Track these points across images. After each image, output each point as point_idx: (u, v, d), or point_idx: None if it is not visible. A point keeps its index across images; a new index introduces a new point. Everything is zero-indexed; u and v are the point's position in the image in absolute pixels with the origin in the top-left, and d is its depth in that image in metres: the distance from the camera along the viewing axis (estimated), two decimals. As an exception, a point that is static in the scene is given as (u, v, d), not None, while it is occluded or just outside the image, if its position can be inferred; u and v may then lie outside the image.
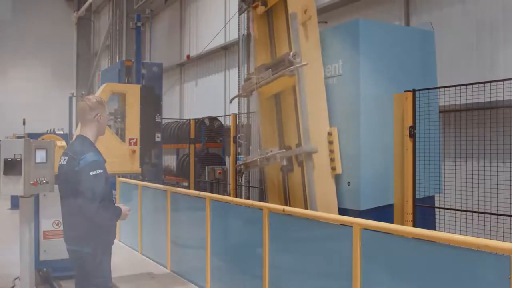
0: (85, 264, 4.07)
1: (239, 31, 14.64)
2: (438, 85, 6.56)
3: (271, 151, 6.03)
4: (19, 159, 5.11)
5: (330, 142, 6.04)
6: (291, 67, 5.72)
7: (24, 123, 16.96)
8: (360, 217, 4.52)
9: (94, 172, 3.92)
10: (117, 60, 22.96)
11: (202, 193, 6.85)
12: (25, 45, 29.20)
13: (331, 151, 6.05)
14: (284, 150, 6.05)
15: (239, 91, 14.66)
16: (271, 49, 6.45)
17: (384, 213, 5.97)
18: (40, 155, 5.30)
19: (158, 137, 7.89)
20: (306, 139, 5.76)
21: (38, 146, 5.30)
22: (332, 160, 6.05)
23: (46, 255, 6.88)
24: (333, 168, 6.05)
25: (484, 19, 8.23)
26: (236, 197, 10.90)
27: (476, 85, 5.85)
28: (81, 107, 4.20)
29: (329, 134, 6.06)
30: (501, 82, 5.60)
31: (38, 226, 6.77)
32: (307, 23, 6.08)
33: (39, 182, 5.22)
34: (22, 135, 15.61)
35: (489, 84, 5.72)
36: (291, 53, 5.77)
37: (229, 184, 11.95)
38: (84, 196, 3.88)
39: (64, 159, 4.08)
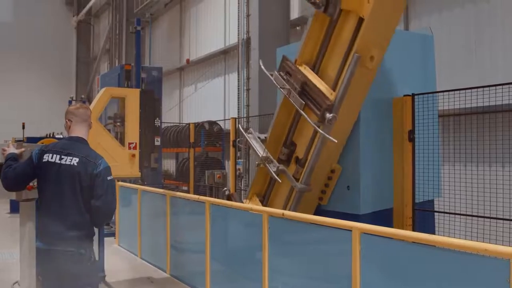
0: (78, 265, 4.03)
1: (238, 35, 14.68)
2: (437, 89, 6.57)
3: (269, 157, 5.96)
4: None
5: (329, 178, 5.96)
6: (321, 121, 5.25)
7: (23, 127, 16.99)
8: (359, 221, 4.52)
9: (110, 177, 4.15)
10: (116, 64, 22.99)
11: (202, 197, 6.85)
12: (24, 48, 29.23)
13: (326, 186, 5.99)
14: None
15: (238, 95, 14.70)
16: (318, 51, 5.80)
17: (383, 217, 5.97)
18: None
19: (157, 141, 7.90)
20: (306, 176, 5.62)
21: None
22: (323, 192, 6.02)
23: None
24: (320, 199, 6.03)
25: (483, 24, 8.25)
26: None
27: (475, 90, 5.86)
28: (81, 112, 4.37)
29: (332, 171, 5.96)
30: (500, 87, 5.61)
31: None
32: (364, 72, 5.27)
33: (34, 186, 5.18)
34: (22, 138, 15.61)
35: (488, 88, 5.73)
36: (327, 105, 5.15)
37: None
38: (105, 199, 4.04)
39: (72, 160, 4.06)
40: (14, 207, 13.84)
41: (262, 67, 6.00)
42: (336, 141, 5.24)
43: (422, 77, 6.59)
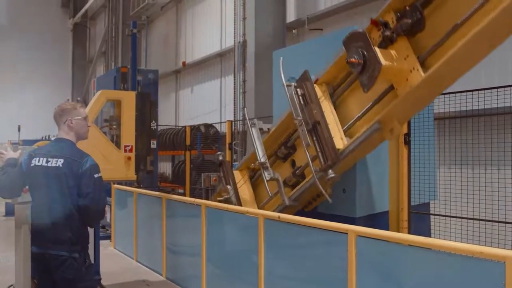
0: (72, 270, 3.99)
1: (235, 38, 14.69)
2: (433, 92, 6.57)
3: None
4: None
5: (318, 196, 5.85)
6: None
7: (19, 130, 16.95)
8: (355, 224, 4.52)
9: (97, 175, 4.07)
10: (112, 67, 23.00)
11: (198, 200, 6.84)
12: (20, 51, 29.18)
13: (314, 199, 5.94)
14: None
15: (235, 98, 14.70)
16: (343, 79, 5.44)
17: (379, 220, 5.98)
18: None
19: (153, 144, 7.92)
20: (298, 195, 5.60)
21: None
22: (309, 203, 6.00)
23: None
24: (306, 206, 6.02)
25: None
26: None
27: (471, 93, 5.88)
28: (54, 113, 4.29)
29: None
30: (495, 90, 5.63)
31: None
32: (380, 138, 4.97)
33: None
34: (17, 141, 15.59)
35: (483, 91, 5.75)
36: (332, 162, 4.93)
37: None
38: (92, 197, 3.98)
39: (58, 161, 4.04)
40: (9, 210, 13.82)
41: (283, 79, 5.43)
42: (330, 200, 5.21)
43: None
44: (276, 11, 12.45)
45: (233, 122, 12.05)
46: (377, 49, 4.30)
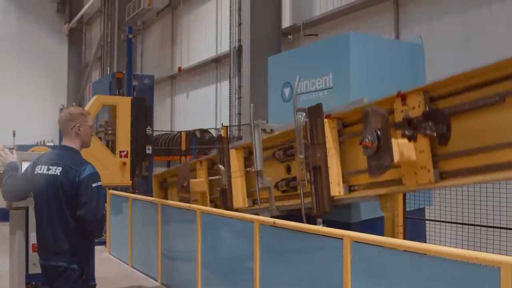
0: (69, 282, 3.93)
1: (230, 43, 14.72)
2: (428, 98, 6.59)
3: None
4: (1, 171, 5.02)
5: None
6: None
7: (14, 135, 16.90)
8: (350, 230, 4.52)
9: (96, 184, 3.94)
10: (108, 72, 22.98)
11: (193, 206, 6.83)
12: (16, 56, 29.12)
13: None
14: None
15: (230, 103, 14.71)
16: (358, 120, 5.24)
17: (374, 225, 5.98)
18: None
19: (149, 149, 7.89)
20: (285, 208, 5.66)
21: (24, 159, 5.21)
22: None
23: (35, 269, 6.80)
24: None
25: (473, 32, 8.32)
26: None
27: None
28: (60, 118, 4.16)
29: None
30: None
31: (27, 239, 6.70)
32: None
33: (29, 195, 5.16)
34: (12, 146, 15.53)
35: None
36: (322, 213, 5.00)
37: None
38: (89, 207, 3.85)
39: (56, 169, 3.95)
40: (3, 216, 13.73)
41: (295, 103, 5.18)
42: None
43: (413, 85, 6.60)
44: (271, 16, 12.48)
45: (228, 128, 12.05)
46: (394, 142, 4.04)
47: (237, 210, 6.17)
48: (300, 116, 5.12)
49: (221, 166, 6.27)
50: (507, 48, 7.76)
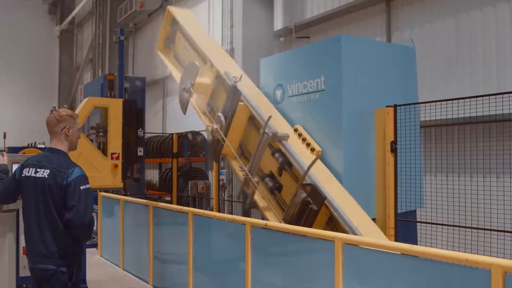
0: (58, 283, 3.90)
1: (222, 45, 14.69)
2: (419, 101, 6.64)
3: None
4: None
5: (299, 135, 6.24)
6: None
7: (4, 137, 16.78)
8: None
9: (84, 187, 3.91)
10: (99, 74, 22.90)
11: (185, 208, 6.82)
12: (6, 57, 28.92)
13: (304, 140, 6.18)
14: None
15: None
16: None
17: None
18: None
19: (140, 152, 7.89)
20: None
21: (15, 161, 5.17)
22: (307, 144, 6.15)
23: (26, 271, 6.75)
24: (312, 149, 6.09)
25: (464, 36, 8.37)
26: (219, 211, 10.86)
27: (456, 101, 5.93)
28: (49, 119, 4.13)
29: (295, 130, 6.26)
30: (481, 98, 5.69)
31: (17, 242, 6.66)
32: None
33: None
34: (3, 149, 15.44)
35: (469, 99, 5.80)
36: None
37: (212, 198, 11.92)
38: (76, 210, 3.82)
39: (44, 172, 3.93)
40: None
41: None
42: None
43: (404, 88, 6.66)
44: (263, 19, 12.48)
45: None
46: None
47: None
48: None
49: (220, 114, 6.31)
50: (498, 51, 7.82)
